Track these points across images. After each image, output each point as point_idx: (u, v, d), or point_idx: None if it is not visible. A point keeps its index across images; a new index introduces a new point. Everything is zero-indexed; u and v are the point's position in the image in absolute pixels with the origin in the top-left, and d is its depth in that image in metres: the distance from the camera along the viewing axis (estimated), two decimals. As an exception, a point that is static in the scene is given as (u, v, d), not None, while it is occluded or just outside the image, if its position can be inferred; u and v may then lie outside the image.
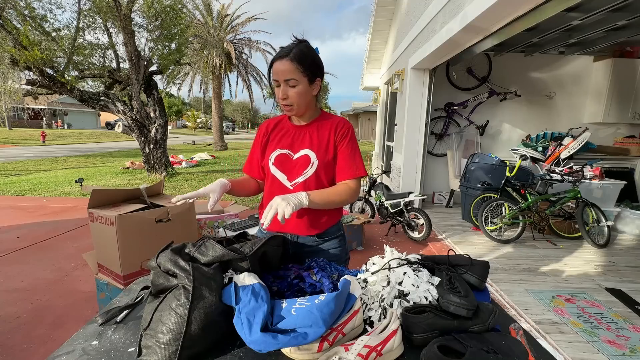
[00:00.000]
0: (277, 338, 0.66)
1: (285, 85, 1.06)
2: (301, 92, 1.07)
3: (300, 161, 1.15)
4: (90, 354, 0.72)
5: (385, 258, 0.97)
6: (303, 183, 1.15)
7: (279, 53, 1.05)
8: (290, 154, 1.17)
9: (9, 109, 7.01)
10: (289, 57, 1.03)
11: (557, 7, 2.30)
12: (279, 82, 1.06)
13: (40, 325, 2.08)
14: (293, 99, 1.08)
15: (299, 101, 1.09)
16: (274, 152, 1.18)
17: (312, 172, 1.14)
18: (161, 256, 0.79)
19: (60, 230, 3.91)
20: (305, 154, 1.15)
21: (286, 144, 1.18)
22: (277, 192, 1.16)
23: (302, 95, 1.08)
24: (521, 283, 2.71)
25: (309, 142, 1.16)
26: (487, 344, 0.70)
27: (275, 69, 1.05)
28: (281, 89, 1.07)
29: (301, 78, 1.06)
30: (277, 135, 1.21)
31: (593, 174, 3.94)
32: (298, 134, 1.18)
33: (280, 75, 1.05)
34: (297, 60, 1.03)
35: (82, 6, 6.31)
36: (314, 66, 1.08)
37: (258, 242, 0.88)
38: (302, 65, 1.04)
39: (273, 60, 1.07)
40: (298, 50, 1.05)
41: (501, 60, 5.06)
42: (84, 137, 23.61)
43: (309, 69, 1.06)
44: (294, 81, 1.05)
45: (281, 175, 1.17)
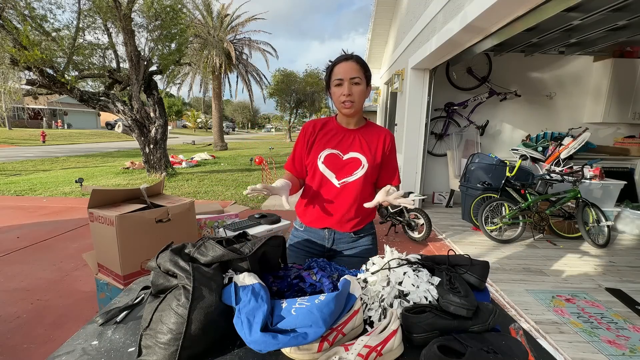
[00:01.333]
0: (277, 338, 0.66)
1: (349, 83, 1.16)
2: (362, 91, 1.18)
3: (351, 162, 1.24)
4: (90, 354, 0.72)
5: (385, 258, 0.97)
6: (351, 183, 1.24)
7: (343, 56, 1.18)
8: (339, 154, 1.25)
9: (9, 109, 7.01)
10: (354, 59, 1.17)
11: (557, 7, 2.30)
12: (342, 80, 1.16)
13: (40, 325, 2.08)
14: (356, 96, 1.17)
15: (360, 99, 1.19)
16: (323, 151, 1.25)
17: (361, 174, 1.23)
18: (161, 256, 0.79)
19: (60, 230, 3.91)
20: (355, 156, 1.24)
21: (336, 144, 1.26)
22: (324, 190, 1.27)
23: (363, 95, 1.19)
24: (521, 283, 2.71)
25: (359, 145, 1.25)
26: (487, 344, 0.70)
27: (341, 69, 1.16)
28: (346, 86, 1.16)
29: (363, 79, 1.17)
30: (326, 135, 1.28)
31: (593, 174, 3.94)
32: (348, 136, 1.26)
33: (347, 74, 1.15)
34: (360, 63, 1.18)
35: (82, 6, 6.31)
36: (369, 72, 1.22)
37: (257, 242, 0.88)
38: (363, 68, 1.18)
39: (337, 62, 1.18)
40: (358, 56, 1.19)
41: (501, 60, 5.05)
42: (84, 137, 23.61)
43: (367, 73, 1.20)
44: (359, 79, 1.16)
45: (330, 173, 1.25)
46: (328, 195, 1.26)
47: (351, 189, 1.24)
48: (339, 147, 1.26)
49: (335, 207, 1.26)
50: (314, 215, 1.30)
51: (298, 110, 22.45)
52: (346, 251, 1.29)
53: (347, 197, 1.25)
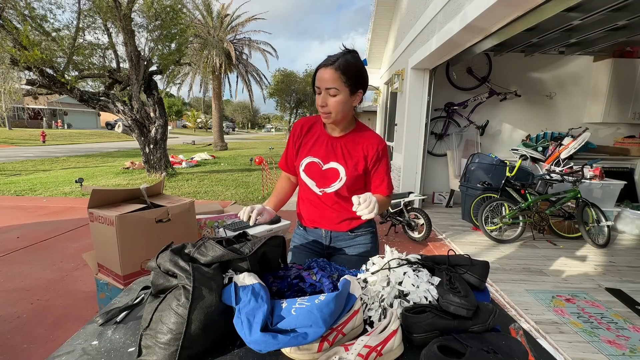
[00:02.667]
0: (277, 338, 0.66)
1: (326, 93, 1.07)
2: (340, 101, 1.08)
3: (329, 173, 1.20)
4: (90, 354, 0.72)
5: (385, 258, 0.97)
6: (332, 193, 1.21)
7: (325, 61, 1.06)
8: (320, 163, 1.21)
9: (9, 109, 7.01)
10: (334, 66, 1.04)
11: (557, 7, 2.30)
12: (320, 89, 1.08)
13: (40, 325, 2.08)
14: (332, 107, 1.09)
15: (337, 110, 1.10)
16: (305, 159, 1.23)
17: (339, 186, 1.19)
18: (161, 257, 0.79)
19: (60, 230, 3.91)
20: (334, 167, 1.19)
21: (317, 152, 1.21)
22: (309, 195, 1.27)
23: (341, 105, 1.09)
24: (521, 283, 2.71)
25: (340, 155, 1.19)
26: (487, 344, 0.70)
27: (318, 76, 1.07)
28: (322, 96, 1.08)
29: (343, 88, 1.06)
30: (310, 140, 1.24)
31: (593, 174, 3.94)
32: (330, 145, 1.20)
33: (323, 83, 1.06)
34: (341, 70, 1.04)
35: (82, 6, 6.31)
36: (357, 77, 1.08)
37: (257, 242, 0.88)
38: (345, 75, 1.05)
39: (318, 67, 1.08)
40: (344, 60, 1.05)
41: (501, 60, 5.05)
42: (84, 137, 23.61)
43: (352, 79, 1.07)
44: (335, 90, 1.06)
45: (310, 181, 1.23)
46: (313, 201, 1.26)
47: (332, 197, 1.22)
48: (320, 155, 1.21)
49: (322, 211, 1.26)
50: (308, 216, 1.31)
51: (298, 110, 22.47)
52: (345, 249, 1.29)
53: (330, 204, 1.24)
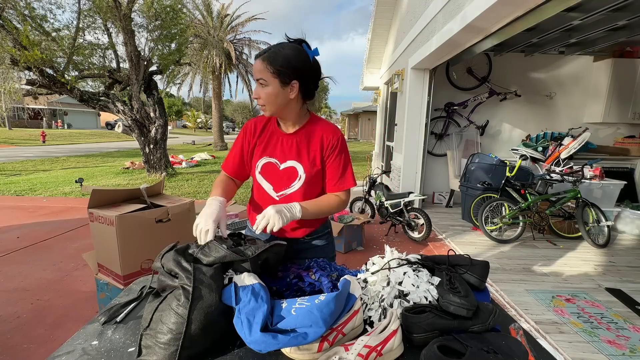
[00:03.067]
0: (277, 338, 0.66)
1: (258, 84, 1.05)
2: (271, 93, 1.03)
3: (287, 173, 1.13)
4: (90, 354, 0.72)
5: (385, 258, 0.97)
6: (290, 195, 1.14)
7: (261, 52, 1.04)
8: (277, 163, 1.14)
9: (9, 109, 7.01)
10: (262, 56, 1.02)
11: (557, 7, 2.30)
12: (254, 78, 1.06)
13: (40, 325, 2.08)
14: (264, 99, 1.05)
15: (268, 102, 1.05)
16: (260, 160, 1.15)
17: (299, 185, 1.13)
18: (165, 257, 0.80)
19: (60, 230, 3.91)
20: (292, 165, 1.13)
21: (273, 152, 1.15)
22: (264, 201, 1.18)
23: (273, 97, 1.04)
24: (521, 283, 2.71)
25: (296, 153, 1.13)
26: (487, 344, 0.70)
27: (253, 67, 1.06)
28: (255, 89, 1.07)
29: (271, 79, 1.02)
30: (264, 140, 1.17)
31: (593, 174, 3.94)
32: (285, 143, 1.14)
33: (255, 74, 1.05)
34: (267, 60, 1.01)
35: (82, 6, 6.31)
36: (287, 68, 1.02)
37: (261, 247, 0.88)
38: (272, 66, 1.01)
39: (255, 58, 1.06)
40: (274, 50, 1.02)
41: (501, 60, 5.06)
42: (84, 137, 23.61)
43: (280, 70, 1.01)
44: (263, 81, 1.03)
45: (267, 185, 1.16)
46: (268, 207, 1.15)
47: (291, 201, 1.11)
48: (276, 154, 1.14)
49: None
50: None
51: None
52: (301, 253, 1.22)
53: None
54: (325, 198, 1.15)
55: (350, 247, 3.44)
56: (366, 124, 27.91)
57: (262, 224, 0.95)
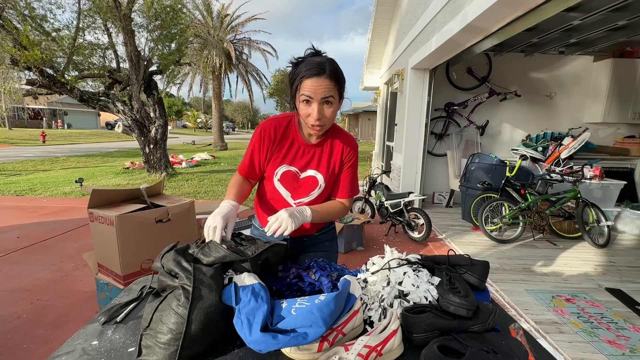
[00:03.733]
0: (277, 338, 0.66)
1: (320, 103, 0.98)
2: (335, 110, 1.02)
3: (308, 182, 1.15)
4: (90, 354, 0.72)
5: (385, 258, 0.97)
6: (307, 203, 1.16)
7: (314, 69, 0.96)
8: (297, 172, 1.14)
9: (9, 109, 7.01)
10: (327, 74, 0.96)
11: (557, 7, 2.30)
12: (312, 100, 0.97)
13: (40, 325, 2.08)
14: (328, 118, 1.01)
15: (331, 119, 1.03)
16: (280, 167, 1.14)
17: (317, 194, 1.16)
18: (165, 257, 0.80)
19: (60, 230, 3.91)
20: (312, 175, 1.14)
21: (294, 160, 1.13)
22: (280, 205, 1.18)
23: (334, 114, 1.03)
24: (521, 283, 2.71)
25: (317, 163, 1.13)
26: (487, 344, 0.70)
27: (311, 86, 0.96)
28: (316, 108, 0.98)
29: (337, 96, 1.00)
30: (284, 147, 1.13)
31: (593, 174, 3.93)
32: (308, 152, 1.13)
33: (318, 95, 0.96)
34: (334, 77, 0.97)
35: (82, 6, 6.31)
36: (344, 83, 1.03)
37: (261, 246, 0.88)
38: (338, 83, 0.99)
39: (306, 76, 0.96)
40: (333, 67, 0.98)
41: (501, 60, 5.06)
42: (84, 137, 23.61)
43: (342, 86, 1.01)
44: (332, 99, 0.98)
45: (285, 192, 1.16)
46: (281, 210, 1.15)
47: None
48: (297, 163, 1.13)
49: None
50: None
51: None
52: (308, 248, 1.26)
53: None
54: (333, 204, 1.17)
55: (350, 247, 3.44)
56: (366, 124, 27.92)
57: (274, 226, 0.94)
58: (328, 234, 1.31)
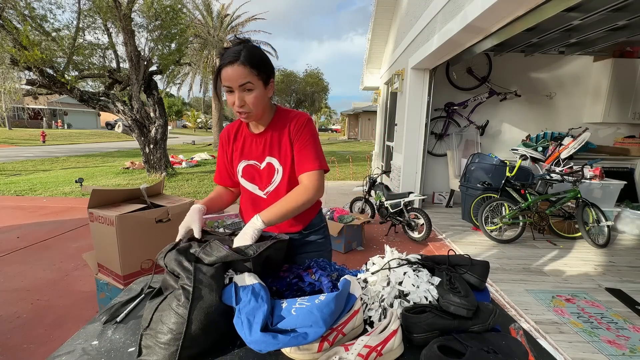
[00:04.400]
0: (277, 338, 0.66)
1: (239, 91, 0.99)
2: (258, 96, 1.01)
3: (267, 170, 1.15)
4: (90, 354, 0.72)
5: (385, 258, 0.97)
6: (275, 191, 1.15)
7: (228, 57, 0.97)
8: (256, 164, 1.16)
9: (9, 109, 7.01)
10: (240, 60, 0.96)
11: (557, 7, 2.30)
12: (232, 88, 0.99)
13: (40, 325, 2.08)
14: (251, 105, 1.01)
15: (256, 106, 1.03)
16: (240, 164, 1.18)
17: (279, 179, 1.14)
18: (168, 256, 0.80)
19: (60, 230, 3.91)
20: (269, 162, 1.15)
21: (249, 154, 1.17)
22: (254, 202, 1.20)
23: (260, 100, 1.02)
24: (521, 283, 2.71)
25: (269, 149, 1.14)
26: (487, 344, 0.70)
27: (226, 75, 0.97)
28: (236, 95, 1.00)
29: (256, 81, 1.00)
30: (239, 145, 1.18)
31: (593, 174, 3.93)
32: (259, 142, 1.15)
33: (235, 82, 0.97)
34: (249, 63, 0.97)
35: (82, 6, 6.31)
36: (267, 67, 1.02)
37: (262, 245, 0.88)
38: (255, 69, 0.98)
39: (221, 66, 0.99)
40: (247, 52, 0.98)
41: (501, 60, 5.05)
42: (84, 137, 23.61)
43: (263, 70, 1.01)
44: (250, 84, 0.99)
45: (252, 186, 1.18)
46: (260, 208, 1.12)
47: (278, 195, 1.13)
48: (253, 156, 1.16)
49: None
50: None
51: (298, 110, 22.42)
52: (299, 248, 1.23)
53: None
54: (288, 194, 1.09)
55: (350, 247, 3.44)
56: (366, 124, 27.92)
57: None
58: (318, 233, 1.27)
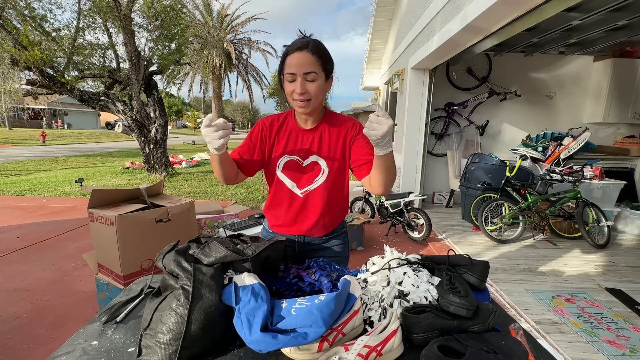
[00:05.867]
0: (277, 338, 0.66)
1: (303, 79, 0.99)
2: (320, 87, 1.02)
3: (310, 169, 1.12)
4: (90, 354, 0.72)
5: (385, 258, 0.97)
6: (313, 191, 1.13)
7: (296, 45, 0.98)
8: (299, 160, 1.12)
9: (9, 109, 7.01)
10: (309, 49, 0.97)
11: (557, 7, 2.30)
12: (295, 75, 0.98)
13: (40, 325, 2.08)
14: (312, 93, 1.01)
15: (316, 96, 1.02)
16: (282, 158, 1.13)
17: (322, 180, 1.12)
18: (167, 257, 0.80)
19: (60, 230, 3.91)
20: (314, 160, 1.12)
21: (295, 149, 1.13)
22: (288, 199, 1.15)
23: (320, 91, 1.02)
24: (521, 283, 2.71)
25: (317, 147, 1.11)
26: (487, 344, 0.70)
27: (292, 62, 0.98)
28: (299, 82, 0.99)
29: (320, 72, 1.00)
30: (283, 138, 1.14)
31: (593, 174, 3.93)
32: (306, 138, 1.12)
33: (300, 68, 0.97)
34: (317, 53, 0.98)
35: (82, 6, 6.31)
36: (330, 61, 1.04)
37: (261, 245, 0.88)
38: (321, 59, 1.00)
39: (288, 52, 0.99)
40: (315, 44, 1.00)
41: (501, 60, 5.05)
42: (84, 137, 23.61)
43: (327, 63, 1.02)
44: (314, 74, 0.99)
45: (290, 182, 1.14)
46: (293, 205, 1.14)
47: (315, 197, 1.12)
48: (298, 152, 1.12)
49: (302, 217, 1.15)
50: (281, 222, 1.19)
51: (298, 110, 22.41)
52: (317, 252, 1.22)
53: (313, 206, 1.14)
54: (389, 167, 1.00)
55: (350, 247, 3.44)
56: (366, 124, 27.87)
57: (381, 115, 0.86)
58: (339, 238, 1.24)
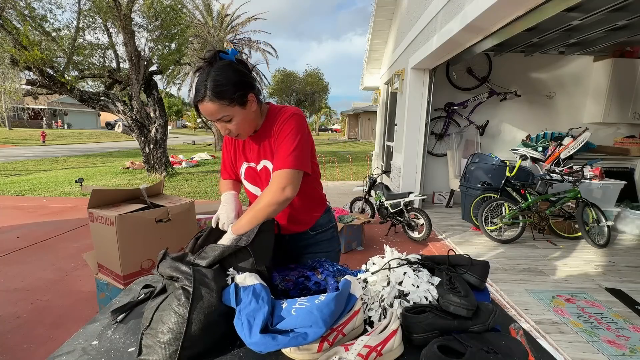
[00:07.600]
0: (276, 339, 0.66)
1: (220, 123, 0.99)
2: (240, 121, 1.00)
3: (263, 173, 1.14)
4: (90, 354, 0.72)
5: (385, 258, 0.97)
6: None
7: (197, 95, 0.94)
8: (254, 166, 1.16)
9: (9, 109, 7.01)
10: (207, 97, 0.93)
11: (557, 7, 2.30)
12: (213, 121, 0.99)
13: (40, 325, 2.08)
14: (235, 130, 1.02)
15: (243, 129, 1.02)
16: (242, 166, 1.19)
17: None
18: (162, 265, 0.79)
19: (60, 230, 3.91)
20: (264, 165, 1.14)
21: (248, 156, 1.17)
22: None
23: (243, 123, 1.01)
24: (521, 283, 2.71)
25: (263, 151, 1.12)
26: (487, 344, 0.70)
27: (202, 111, 0.97)
28: (220, 126, 1.00)
29: (231, 109, 0.96)
30: (240, 146, 1.18)
31: (593, 174, 3.93)
32: (255, 145, 1.14)
33: (211, 117, 0.97)
34: (216, 96, 0.93)
35: (82, 6, 6.31)
36: (238, 88, 0.95)
37: (251, 232, 0.89)
38: (224, 99, 0.94)
39: (194, 102, 0.97)
40: (212, 82, 0.92)
41: (501, 60, 5.05)
42: (84, 137, 23.60)
43: (235, 96, 0.95)
44: (227, 117, 0.97)
45: (254, 188, 1.19)
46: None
47: None
48: (251, 158, 1.16)
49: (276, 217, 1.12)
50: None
51: (298, 110, 22.43)
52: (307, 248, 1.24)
53: None
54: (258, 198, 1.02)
55: (350, 247, 3.44)
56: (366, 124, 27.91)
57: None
58: (326, 234, 1.27)
